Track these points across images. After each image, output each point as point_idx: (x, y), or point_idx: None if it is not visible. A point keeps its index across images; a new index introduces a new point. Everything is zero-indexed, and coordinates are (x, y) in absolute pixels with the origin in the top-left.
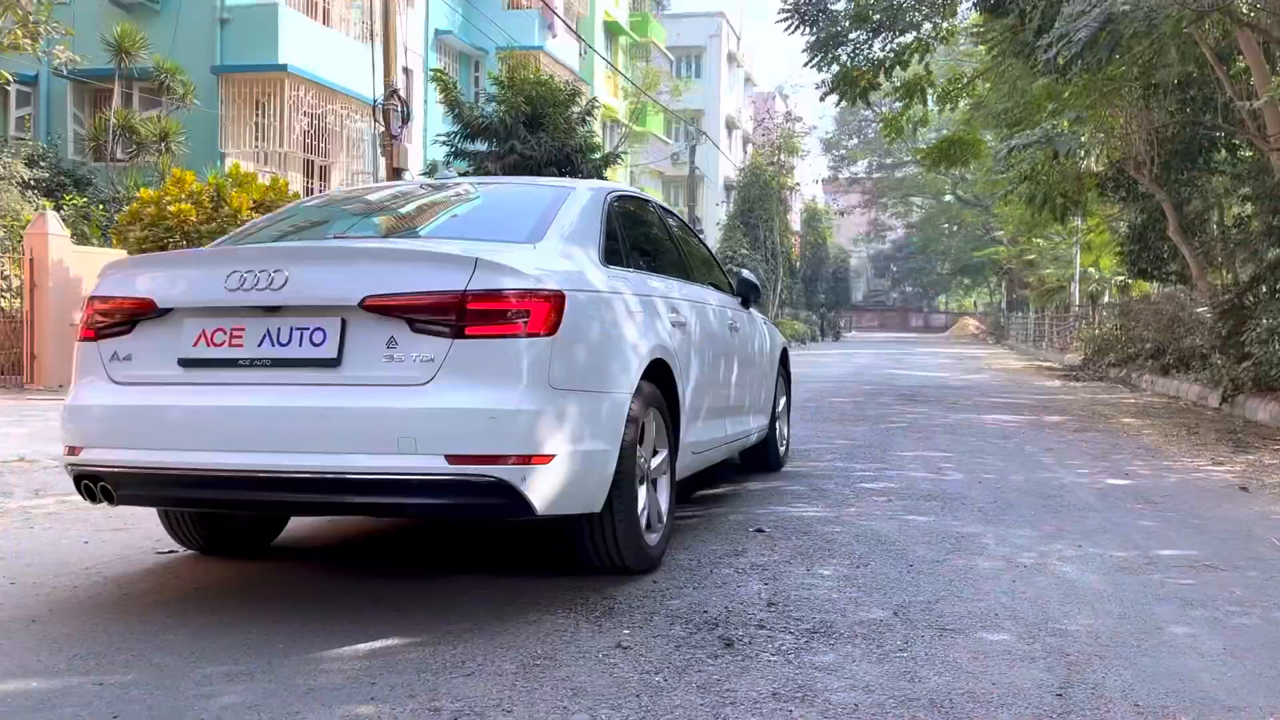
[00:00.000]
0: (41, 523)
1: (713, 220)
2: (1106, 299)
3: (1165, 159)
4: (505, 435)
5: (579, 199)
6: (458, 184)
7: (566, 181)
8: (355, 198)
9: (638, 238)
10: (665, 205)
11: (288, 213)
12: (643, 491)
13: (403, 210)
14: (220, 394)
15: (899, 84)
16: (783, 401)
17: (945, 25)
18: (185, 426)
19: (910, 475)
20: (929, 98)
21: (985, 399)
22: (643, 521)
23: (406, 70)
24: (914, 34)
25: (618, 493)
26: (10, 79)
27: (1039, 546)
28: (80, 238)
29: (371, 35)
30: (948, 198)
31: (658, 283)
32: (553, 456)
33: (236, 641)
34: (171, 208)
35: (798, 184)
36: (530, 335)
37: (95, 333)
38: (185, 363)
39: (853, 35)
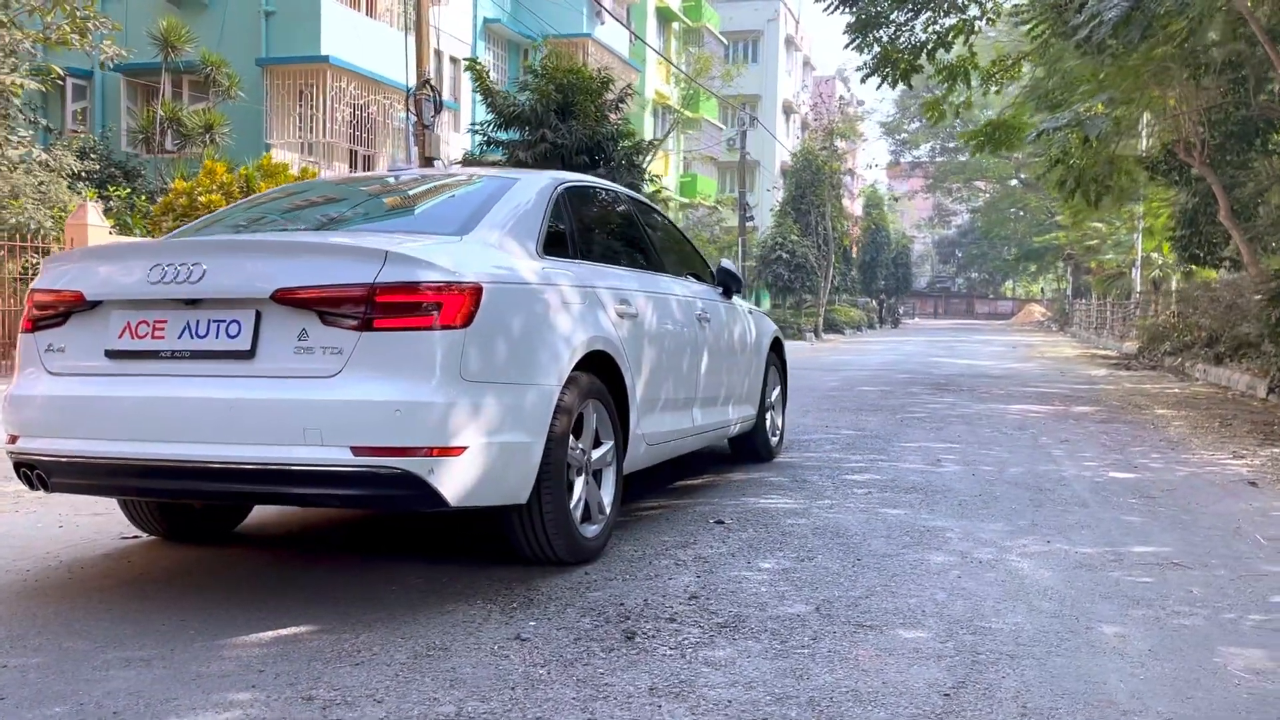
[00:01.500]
0: (28, 507)
1: (766, 206)
2: (1174, 285)
3: (1218, 140)
4: (411, 427)
5: (521, 192)
6: (418, 176)
7: (517, 173)
8: (312, 188)
9: (590, 229)
10: (635, 196)
11: (244, 204)
12: (579, 482)
13: (348, 203)
14: (143, 385)
15: (941, 67)
16: (775, 392)
17: (991, 5)
18: (110, 417)
19: (902, 467)
20: (972, 80)
21: (1020, 388)
22: (578, 513)
23: (453, 59)
24: (958, 15)
25: (546, 484)
26: (62, 74)
27: (1004, 542)
28: (124, 228)
29: (406, 25)
30: (1013, 181)
31: (606, 273)
32: (465, 449)
33: (152, 627)
34: (202, 199)
35: (850, 169)
36: (444, 328)
37: (33, 324)
38: (111, 354)
39: (893, 16)
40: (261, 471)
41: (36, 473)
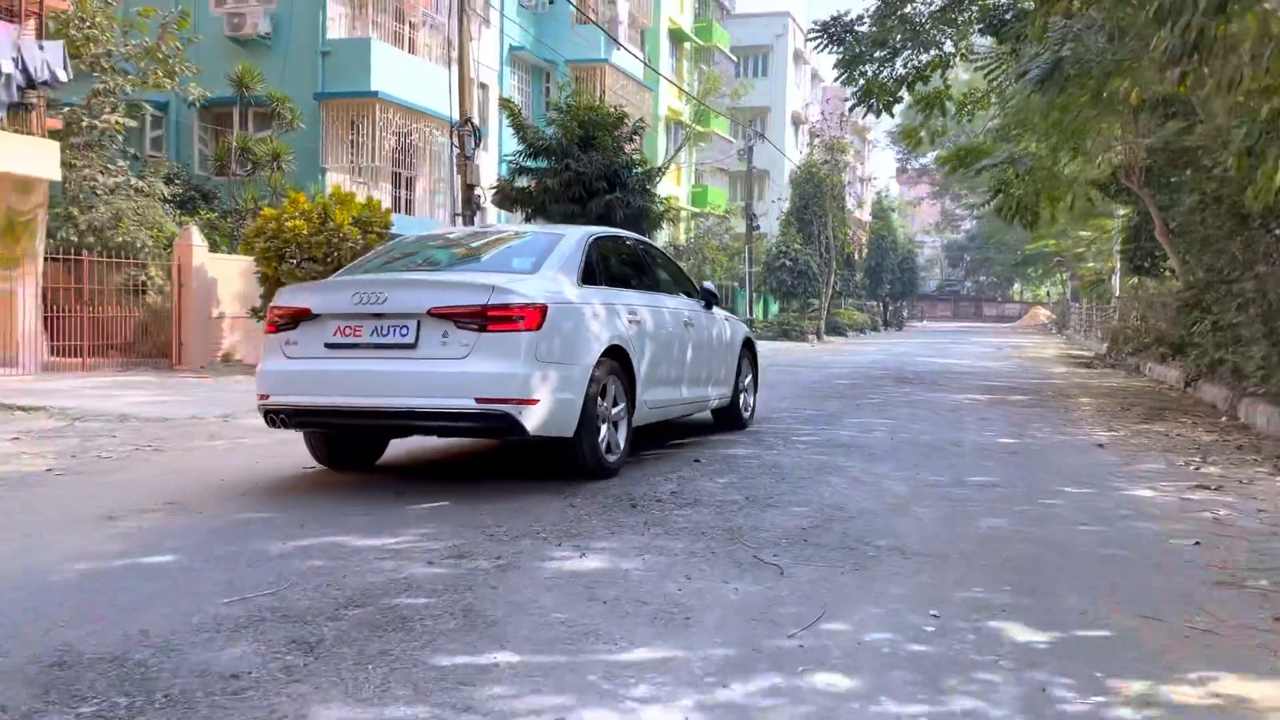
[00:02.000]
0: (237, 453)
1: (773, 216)
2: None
3: (1157, 166)
4: (508, 387)
5: (566, 243)
6: (496, 232)
7: (561, 229)
8: (431, 240)
9: (611, 265)
10: (642, 239)
11: (388, 249)
12: (605, 427)
13: (458, 251)
14: (348, 363)
15: (919, 98)
16: (747, 379)
17: (963, 44)
18: (328, 382)
19: (841, 434)
20: (947, 110)
21: (976, 382)
22: (603, 446)
23: (482, 85)
24: (935, 51)
25: (584, 425)
26: (150, 109)
27: (886, 474)
28: (213, 245)
29: (450, 61)
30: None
31: (622, 295)
32: (538, 400)
33: (353, 503)
34: (289, 224)
35: (850, 182)
36: (526, 330)
37: (275, 328)
38: (329, 345)
39: (876, 54)
40: (422, 412)
41: (280, 417)
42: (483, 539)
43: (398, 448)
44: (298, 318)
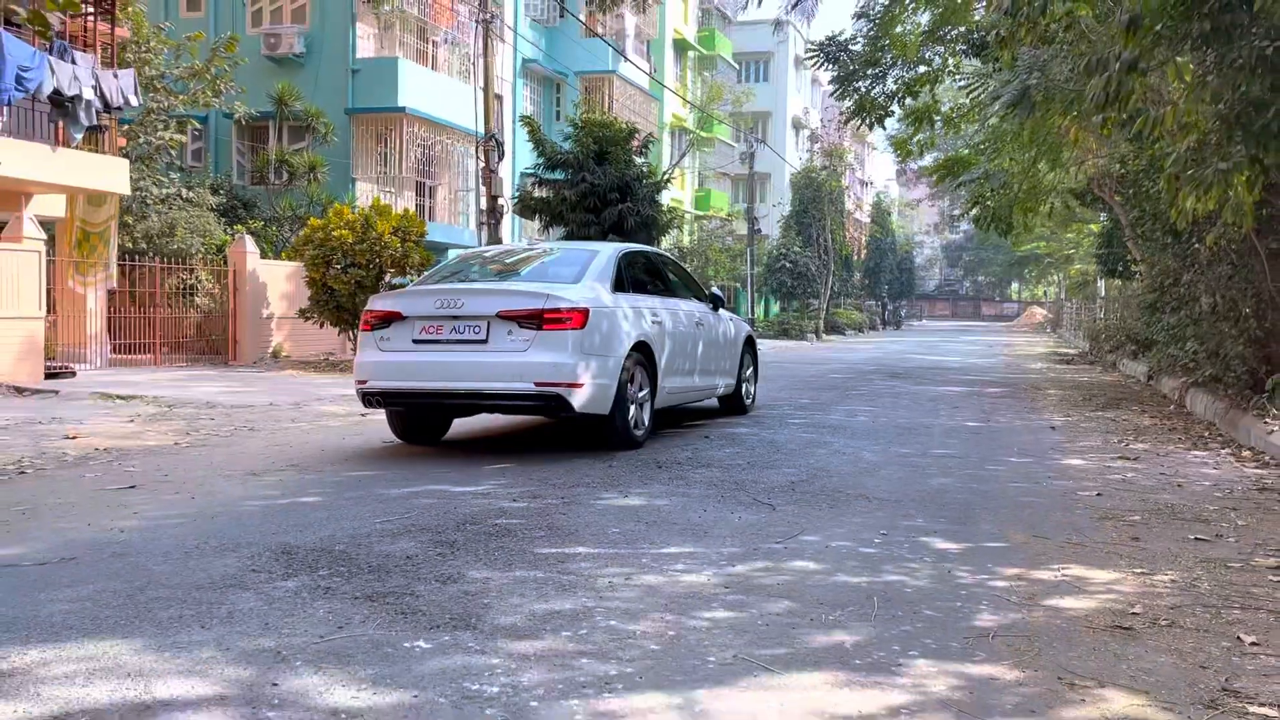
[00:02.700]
0: (322, 431)
1: (774, 219)
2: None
3: (1128, 176)
4: (561, 374)
5: (601, 258)
6: (528, 248)
7: (596, 245)
8: (477, 257)
9: (636, 275)
10: (661, 253)
11: (451, 263)
12: (633, 408)
13: (509, 263)
14: (432, 355)
15: (909, 111)
16: (749, 371)
17: (952, 62)
18: (414, 370)
19: (828, 418)
20: (936, 123)
21: (959, 376)
22: (632, 423)
23: (498, 97)
24: (924, 67)
25: (618, 406)
26: (199, 125)
27: (864, 447)
28: (261, 252)
29: (469, 75)
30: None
31: (645, 300)
32: (583, 384)
33: (429, 464)
34: (335, 233)
35: (849, 185)
36: (573, 329)
37: (370, 327)
38: (415, 341)
39: (868, 72)
40: (492, 394)
41: (376, 398)
42: (547, 488)
43: (458, 427)
44: (389, 319)
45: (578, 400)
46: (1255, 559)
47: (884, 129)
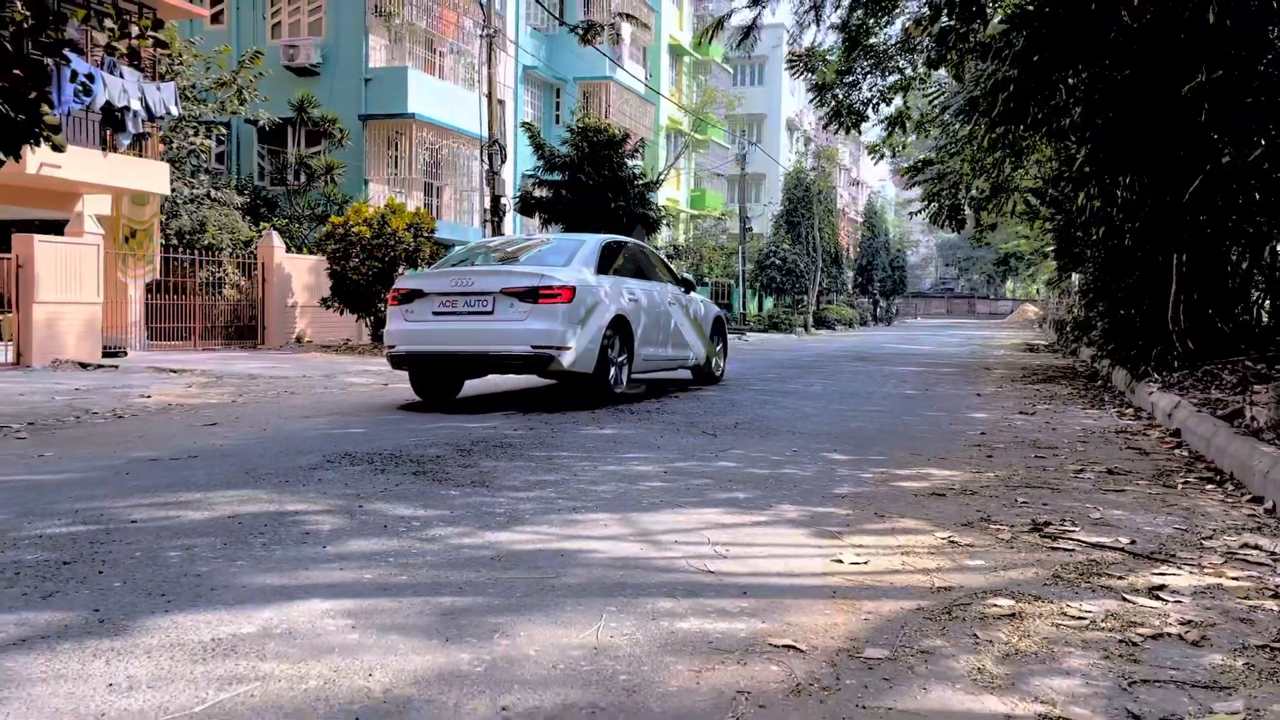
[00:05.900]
0: (356, 391)
1: (768, 219)
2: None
3: (1077, 176)
4: (553, 339)
5: (587, 246)
6: (527, 239)
7: (584, 236)
8: (483, 247)
9: (617, 261)
10: (640, 243)
11: (462, 251)
12: (613, 369)
13: (511, 250)
14: (448, 324)
15: (884, 117)
16: (719, 346)
17: (924, 70)
18: (434, 336)
19: (787, 387)
20: (907, 128)
21: (922, 360)
22: (612, 381)
23: (501, 102)
24: (896, 75)
25: (600, 366)
26: (224, 131)
27: (807, 405)
28: (287, 248)
29: (473, 82)
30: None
31: (624, 281)
32: (571, 348)
33: (447, 416)
34: (354, 229)
35: (835, 186)
36: (563, 302)
37: (398, 301)
38: (435, 313)
39: (844, 80)
40: (497, 355)
41: (402, 360)
42: (541, 424)
43: (468, 389)
44: (413, 295)
45: (566, 360)
46: (1068, 466)
47: (860, 133)
